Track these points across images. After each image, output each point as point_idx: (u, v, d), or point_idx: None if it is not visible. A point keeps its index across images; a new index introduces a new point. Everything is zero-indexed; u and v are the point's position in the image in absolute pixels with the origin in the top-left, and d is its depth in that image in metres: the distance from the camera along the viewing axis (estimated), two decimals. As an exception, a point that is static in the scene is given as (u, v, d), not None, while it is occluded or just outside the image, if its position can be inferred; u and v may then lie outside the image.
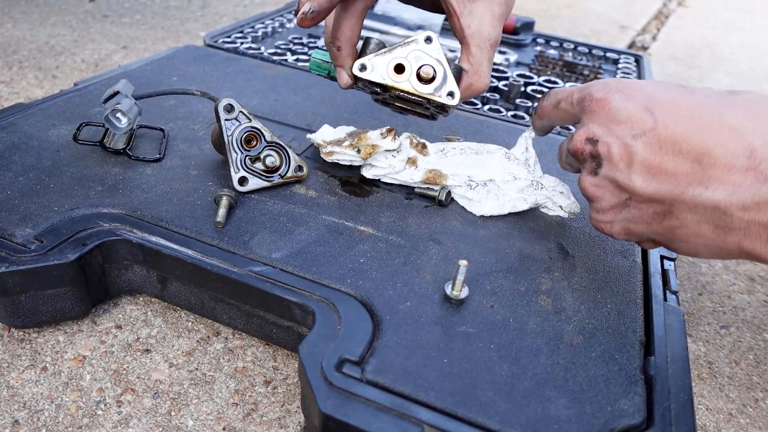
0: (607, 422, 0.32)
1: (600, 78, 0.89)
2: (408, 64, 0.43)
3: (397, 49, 0.42)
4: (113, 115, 0.48)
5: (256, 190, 0.47)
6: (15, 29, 0.95)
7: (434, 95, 0.43)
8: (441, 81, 0.43)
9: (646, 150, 0.32)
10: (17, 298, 0.38)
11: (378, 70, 0.43)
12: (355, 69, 0.43)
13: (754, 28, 1.67)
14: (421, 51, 0.43)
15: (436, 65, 0.42)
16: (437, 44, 0.42)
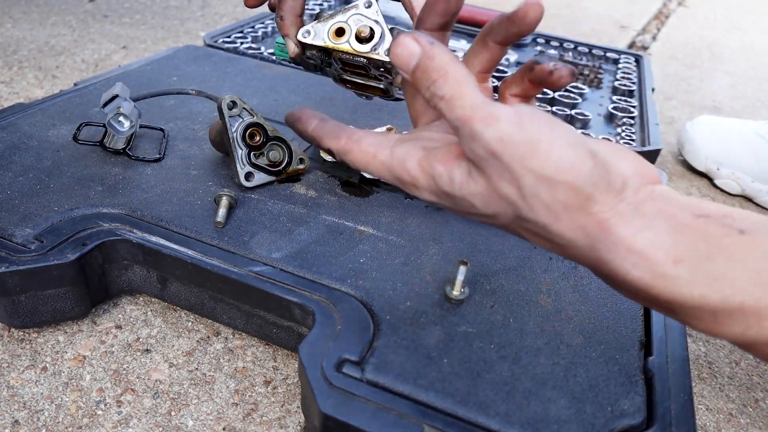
0: (607, 422, 0.32)
1: (600, 78, 0.89)
2: (348, 27, 0.44)
3: (338, 15, 0.44)
4: (115, 119, 0.48)
5: (261, 185, 0.48)
6: (15, 29, 0.95)
7: (372, 53, 0.44)
8: (378, 39, 0.44)
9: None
10: (17, 298, 0.38)
11: (320, 35, 0.44)
12: (299, 36, 0.44)
13: (754, 28, 1.67)
14: (361, 14, 0.44)
15: (373, 25, 0.44)
16: (376, 7, 0.44)
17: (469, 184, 0.28)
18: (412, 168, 0.30)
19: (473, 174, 0.28)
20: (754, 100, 1.09)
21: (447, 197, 0.29)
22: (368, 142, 0.31)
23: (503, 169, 0.26)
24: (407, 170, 0.30)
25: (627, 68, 0.95)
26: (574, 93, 0.81)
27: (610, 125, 0.75)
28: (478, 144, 0.26)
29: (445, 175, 0.29)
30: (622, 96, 0.85)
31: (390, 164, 0.31)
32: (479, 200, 0.28)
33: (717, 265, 0.25)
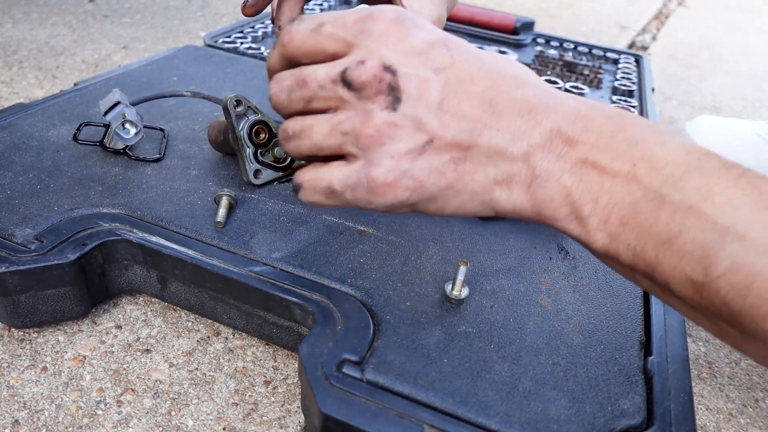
0: (607, 422, 0.32)
1: (600, 77, 0.89)
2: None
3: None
4: (121, 127, 0.48)
5: (269, 181, 0.48)
6: (15, 29, 0.95)
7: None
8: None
9: (447, 88, 0.28)
10: (17, 298, 0.38)
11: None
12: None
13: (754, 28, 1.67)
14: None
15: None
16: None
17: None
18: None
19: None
20: (754, 100, 1.09)
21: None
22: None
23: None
24: None
25: (627, 68, 0.95)
26: (574, 93, 0.81)
27: (610, 125, 0.75)
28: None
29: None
30: (622, 96, 0.85)
31: None
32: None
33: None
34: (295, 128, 0.31)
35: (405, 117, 0.28)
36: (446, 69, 0.29)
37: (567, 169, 0.28)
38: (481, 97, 0.29)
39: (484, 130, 0.29)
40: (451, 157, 0.29)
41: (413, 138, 0.28)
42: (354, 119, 0.29)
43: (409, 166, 0.29)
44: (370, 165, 0.29)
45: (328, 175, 0.31)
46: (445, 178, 0.29)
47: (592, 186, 0.28)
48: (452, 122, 0.28)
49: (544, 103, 0.29)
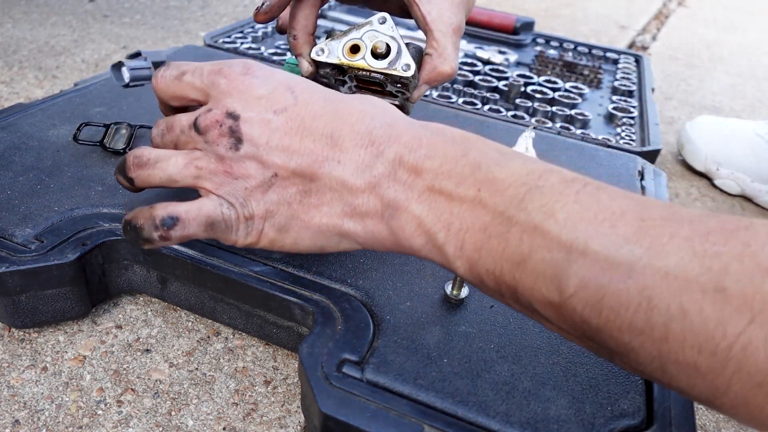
0: (606, 422, 0.32)
1: (600, 78, 0.89)
2: (363, 44, 0.43)
3: (352, 32, 0.43)
4: (117, 68, 0.50)
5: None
6: (15, 29, 0.95)
7: (389, 69, 0.43)
8: (395, 55, 0.43)
9: (287, 125, 0.31)
10: (17, 298, 0.38)
11: (334, 53, 0.43)
12: (313, 54, 0.43)
13: (754, 28, 1.67)
14: (376, 31, 0.43)
15: (389, 41, 0.43)
16: (391, 23, 0.43)
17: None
18: None
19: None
20: (754, 100, 1.09)
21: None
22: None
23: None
24: None
25: (627, 68, 0.95)
26: (574, 93, 0.81)
27: (610, 125, 0.75)
28: None
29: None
30: (622, 96, 0.85)
31: None
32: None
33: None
34: (152, 156, 0.33)
35: (247, 156, 0.31)
36: (287, 109, 0.31)
37: (415, 198, 0.29)
38: (323, 131, 0.30)
39: (325, 162, 0.30)
40: (297, 190, 0.31)
41: (262, 173, 0.31)
42: (208, 158, 0.32)
43: (261, 197, 0.32)
44: (229, 196, 0.32)
45: (207, 207, 0.32)
46: (292, 208, 0.32)
47: (442, 213, 0.28)
48: (294, 156, 0.30)
49: (387, 133, 0.30)
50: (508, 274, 0.26)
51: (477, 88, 0.79)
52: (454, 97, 0.76)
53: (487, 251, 0.27)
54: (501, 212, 0.26)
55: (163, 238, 0.31)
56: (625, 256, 0.23)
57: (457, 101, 0.74)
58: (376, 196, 0.29)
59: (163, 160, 0.33)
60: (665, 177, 0.61)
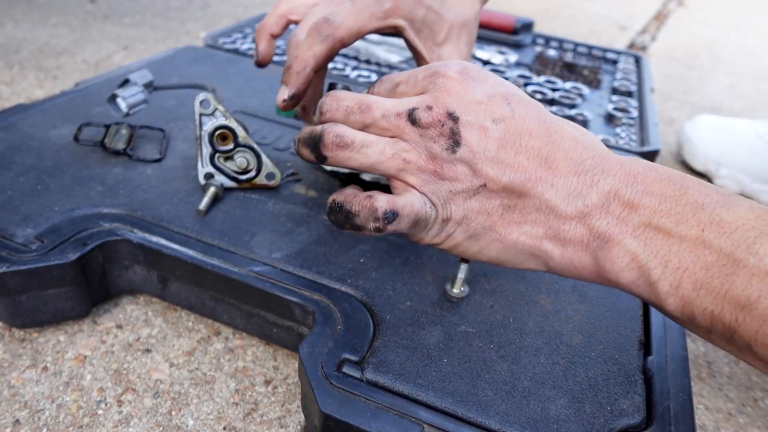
0: (606, 422, 0.32)
1: (599, 78, 0.89)
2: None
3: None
4: (112, 100, 0.49)
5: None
6: (16, 30, 0.96)
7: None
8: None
9: (505, 137, 0.30)
10: (18, 298, 0.39)
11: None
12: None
13: (753, 29, 1.67)
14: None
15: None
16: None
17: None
18: None
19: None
20: (753, 100, 1.10)
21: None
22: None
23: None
24: None
25: (626, 69, 0.95)
26: (574, 93, 0.81)
27: (610, 125, 0.76)
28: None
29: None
30: (622, 96, 0.85)
31: None
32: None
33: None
34: (356, 139, 0.31)
35: (462, 160, 0.30)
36: (505, 120, 0.30)
37: (629, 232, 0.28)
38: (538, 152, 0.30)
39: (538, 182, 0.30)
40: (501, 203, 0.31)
41: (470, 180, 0.31)
42: (417, 152, 0.31)
43: (462, 203, 0.31)
44: (432, 196, 0.31)
45: (417, 204, 0.31)
46: (491, 219, 0.31)
47: (659, 250, 0.28)
48: (507, 171, 0.30)
49: (600, 165, 0.30)
50: (729, 316, 0.26)
51: (477, 89, 0.79)
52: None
53: (707, 291, 0.26)
54: (727, 254, 0.26)
55: (378, 230, 0.31)
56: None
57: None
58: (585, 226, 0.29)
59: (369, 146, 0.31)
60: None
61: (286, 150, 0.55)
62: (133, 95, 0.50)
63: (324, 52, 0.39)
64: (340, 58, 0.83)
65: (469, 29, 0.44)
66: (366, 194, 0.31)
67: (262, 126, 0.58)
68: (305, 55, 0.39)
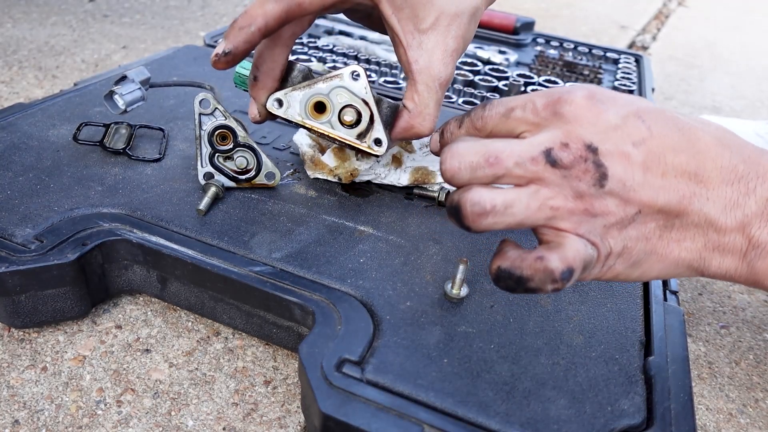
0: (607, 422, 0.32)
1: (600, 78, 0.89)
2: (330, 103, 0.37)
3: (319, 84, 0.37)
4: (109, 97, 0.49)
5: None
6: (15, 29, 0.95)
7: (357, 142, 0.38)
8: (366, 126, 0.37)
9: (649, 159, 0.28)
10: (17, 298, 0.38)
11: (295, 107, 0.37)
12: (269, 104, 0.38)
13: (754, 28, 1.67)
14: (346, 89, 0.37)
15: (361, 107, 0.37)
16: (365, 81, 0.37)
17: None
18: None
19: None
20: (754, 100, 1.09)
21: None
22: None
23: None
24: None
25: (627, 68, 0.95)
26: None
27: (610, 125, 0.75)
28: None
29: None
30: (622, 96, 0.85)
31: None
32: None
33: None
34: (496, 203, 0.29)
35: (612, 193, 0.29)
36: (645, 141, 0.29)
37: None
38: (685, 167, 0.28)
39: (693, 198, 0.29)
40: (657, 225, 0.29)
41: (623, 210, 0.29)
42: (563, 195, 0.29)
43: (618, 235, 0.30)
44: (590, 235, 0.29)
45: (582, 251, 0.29)
46: (651, 243, 0.30)
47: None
48: (661, 193, 0.29)
49: (753, 170, 0.28)
50: None
51: (477, 88, 0.79)
52: (454, 97, 0.76)
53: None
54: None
55: (556, 290, 0.29)
56: None
57: (457, 101, 0.74)
58: (744, 236, 0.29)
59: (512, 206, 0.29)
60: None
61: (286, 150, 0.55)
62: (130, 92, 0.50)
63: (277, 13, 0.35)
64: (340, 58, 0.83)
65: (462, 22, 0.39)
66: (535, 255, 0.29)
67: (261, 126, 0.58)
68: (254, 12, 0.35)
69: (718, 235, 0.29)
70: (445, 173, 0.30)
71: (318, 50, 0.86)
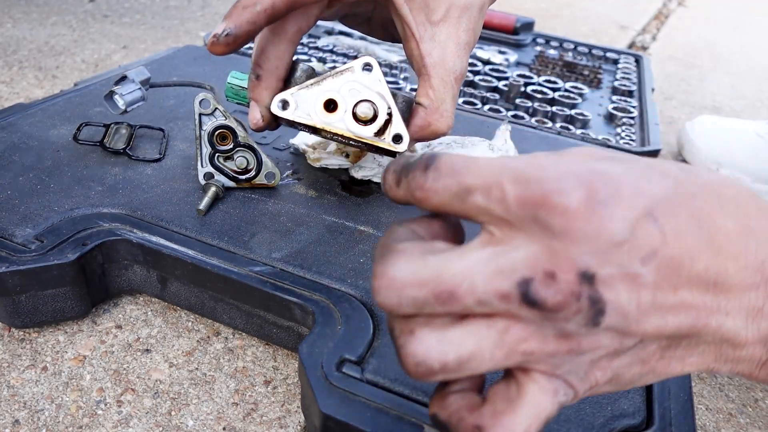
0: (607, 422, 0.32)
1: (599, 78, 0.89)
2: (342, 100, 0.34)
3: (327, 80, 0.34)
4: (109, 97, 0.49)
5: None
6: (15, 29, 0.95)
7: (376, 140, 0.35)
8: (384, 121, 0.35)
9: (660, 277, 0.21)
10: (17, 298, 0.38)
11: (303, 108, 0.34)
12: (274, 107, 0.34)
13: (754, 28, 1.67)
14: (359, 82, 0.34)
15: (377, 101, 0.34)
16: (379, 73, 0.34)
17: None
18: None
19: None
20: (754, 100, 1.09)
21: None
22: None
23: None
24: None
25: (627, 68, 0.95)
26: (574, 93, 0.81)
27: (610, 125, 0.75)
28: None
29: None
30: (622, 96, 0.85)
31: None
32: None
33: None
34: (448, 359, 0.22)
35: (608, 329, 0.22)
36: (657, 252, 0.21)
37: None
38: (705, 277, 0.22)
39: (710, 316, 0.23)
40: (659, 347, 0.24)
41: (620, 342, 0.23)
42: (541, 336, 0.22)
43: (608, 365, 0.24)
44: (569, 375, 0.23)
45: (546, 409, 0.23)
46: (648, 366, 0.24)
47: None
48: (669, 317, 0.22)
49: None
50: None
51: (477, 88, 0.79)
52: (454, 97, 0.76)
53: None
54: None
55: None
56: None
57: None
58: (765, 347, 0.24)
59: (471, 361, 0.22)
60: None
61: (286, 150, 0.55)
62: (130, 92, 0.50)
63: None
64: (340, 58, 0.83)
65: (472, 15, 0.37)
66: (473, 423, 0.23)
67: (261, 126, 0.58)
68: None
69: (734, 350, 0.24)
70: (378, 302, 0.23)
71: (318, 50, 0.86)
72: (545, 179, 0.21)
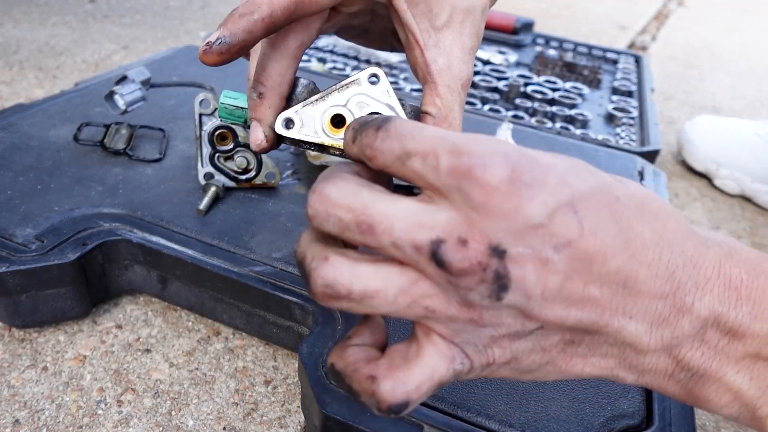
0: (607, 422, 0.32)
1: (599, 78, 0.89)
2: (350, 114, 0.33)
3: (333, 95, 0.33)
4: (110, 97, 0.49)
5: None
6: (15, 29, 0.96)
7: None
8: None
9: (570, 268, 0.22)
10: (18, 298, 0.39)
11: (309, 125, 0.33)
12: (278, 126, 0.33)
13: (754, 28, 1.67)
14: (366, 95, 0.33)
15: (387, 113, 0.32)
16: (386, 83, 0.33)
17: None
18: None
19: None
20: (753, 100, 1.09)
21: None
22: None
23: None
24: None
25: (626, 68, 0.95)
26: (574, 93, 0.81)
27: (610, 125, 0.75)
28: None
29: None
30: (622, 96, 0.85)
31: None
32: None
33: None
34: (354, 289, 0.23)
35: (510, 307, 0.23)
36: (572, 243, 0.22)
37: (731, 365, 0.24)
38: (615, 276, 0.23)
39: (614, 317, 0.23)
40: (561, 339, 0.24)
41: (521, 324, 0.23)
42: (445, 298, 0.23)
43: (508, 345, 0.24)
44: (467, 346, 0.24)
45: (440, 370, 0.24)
46: (548, 355, 0.25)
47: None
48: (573, 310, 0.23)
49: (692, 276, 0.23)
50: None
51: (477, 88, 0.79)
52: (454, 97, 0.76)
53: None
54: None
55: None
56: None
57: (457, 101, 0.74)
58: (671, 358, 0.24)
59: (373, 298, 0.23)
60: (665, 177, 0.61)
61: (286, 150, 0.55)
62: (130, 92, 0.50)
63: (285, 3, 0.30)
64: (340, 58, 0.83)
65: (475, 18, 0.35)
66: (368, 372, 0.24)
67: (262, 126, 0.58)
68: (258, 0, 0.30)
69: (636, 356, 0.24)
70: (308, 214, 0.24)
71: (318, 50, 0.86)
72: (475, 154, 0.22)
